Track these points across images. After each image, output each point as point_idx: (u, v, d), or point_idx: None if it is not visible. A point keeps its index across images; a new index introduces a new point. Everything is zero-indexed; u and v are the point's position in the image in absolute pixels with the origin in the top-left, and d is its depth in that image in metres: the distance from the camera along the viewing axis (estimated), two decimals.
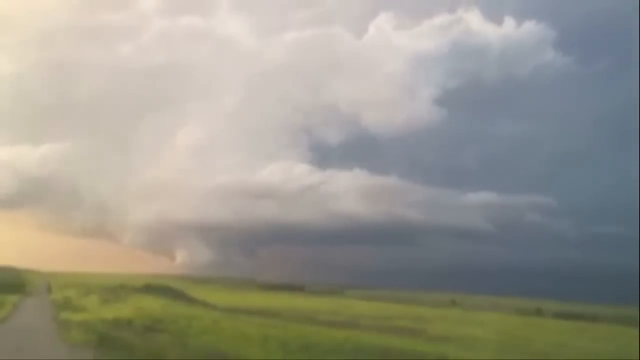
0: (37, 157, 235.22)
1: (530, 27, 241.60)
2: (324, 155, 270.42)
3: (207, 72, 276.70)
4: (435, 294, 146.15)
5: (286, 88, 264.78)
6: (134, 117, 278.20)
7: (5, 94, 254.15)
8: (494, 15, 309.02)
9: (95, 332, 21.40)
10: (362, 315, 63.23)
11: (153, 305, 41.65)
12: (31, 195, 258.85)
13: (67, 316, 30.02)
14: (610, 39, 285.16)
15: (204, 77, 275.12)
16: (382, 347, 26.07)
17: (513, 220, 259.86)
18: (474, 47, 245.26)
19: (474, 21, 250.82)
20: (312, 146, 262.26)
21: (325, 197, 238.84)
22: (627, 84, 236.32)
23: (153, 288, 66.52)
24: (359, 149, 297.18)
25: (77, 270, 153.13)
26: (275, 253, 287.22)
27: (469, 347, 36.50)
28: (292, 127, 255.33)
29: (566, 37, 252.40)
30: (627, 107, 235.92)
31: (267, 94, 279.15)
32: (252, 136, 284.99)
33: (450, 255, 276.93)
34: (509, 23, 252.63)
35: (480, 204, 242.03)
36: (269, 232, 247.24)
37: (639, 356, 37.77)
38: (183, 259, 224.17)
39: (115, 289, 61.45)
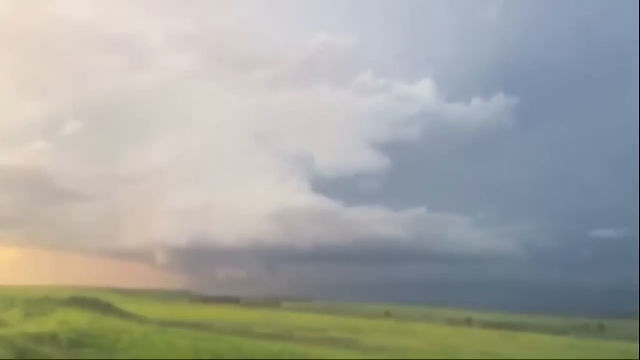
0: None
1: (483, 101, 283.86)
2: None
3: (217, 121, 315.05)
4: (370, 306, 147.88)
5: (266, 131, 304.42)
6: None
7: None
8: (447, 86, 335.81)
9: (15, 347, 20.20)
10: (297, 327, 63.03)
11: (79, 318, 39.73)
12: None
13: None
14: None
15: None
16: (317, 358, 26.04)
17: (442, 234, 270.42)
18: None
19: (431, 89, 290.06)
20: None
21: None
22: None
23: (80, 301, 63.63)
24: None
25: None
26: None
27: (403, 358, 37.10)
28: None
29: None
30: None
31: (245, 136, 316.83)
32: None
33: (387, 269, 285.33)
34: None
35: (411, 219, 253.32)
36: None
37: None
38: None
39: (41, 302, 58.40)
